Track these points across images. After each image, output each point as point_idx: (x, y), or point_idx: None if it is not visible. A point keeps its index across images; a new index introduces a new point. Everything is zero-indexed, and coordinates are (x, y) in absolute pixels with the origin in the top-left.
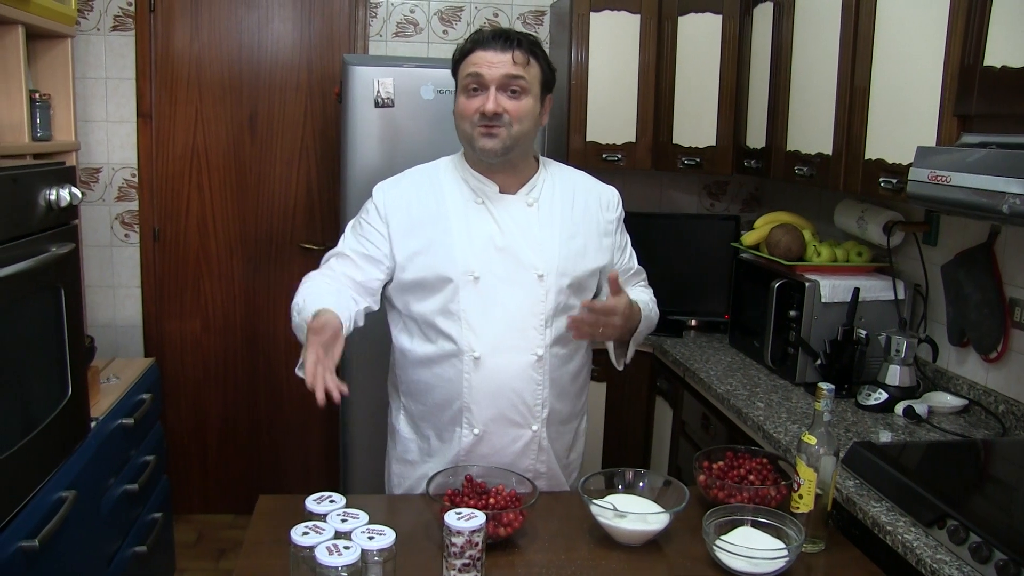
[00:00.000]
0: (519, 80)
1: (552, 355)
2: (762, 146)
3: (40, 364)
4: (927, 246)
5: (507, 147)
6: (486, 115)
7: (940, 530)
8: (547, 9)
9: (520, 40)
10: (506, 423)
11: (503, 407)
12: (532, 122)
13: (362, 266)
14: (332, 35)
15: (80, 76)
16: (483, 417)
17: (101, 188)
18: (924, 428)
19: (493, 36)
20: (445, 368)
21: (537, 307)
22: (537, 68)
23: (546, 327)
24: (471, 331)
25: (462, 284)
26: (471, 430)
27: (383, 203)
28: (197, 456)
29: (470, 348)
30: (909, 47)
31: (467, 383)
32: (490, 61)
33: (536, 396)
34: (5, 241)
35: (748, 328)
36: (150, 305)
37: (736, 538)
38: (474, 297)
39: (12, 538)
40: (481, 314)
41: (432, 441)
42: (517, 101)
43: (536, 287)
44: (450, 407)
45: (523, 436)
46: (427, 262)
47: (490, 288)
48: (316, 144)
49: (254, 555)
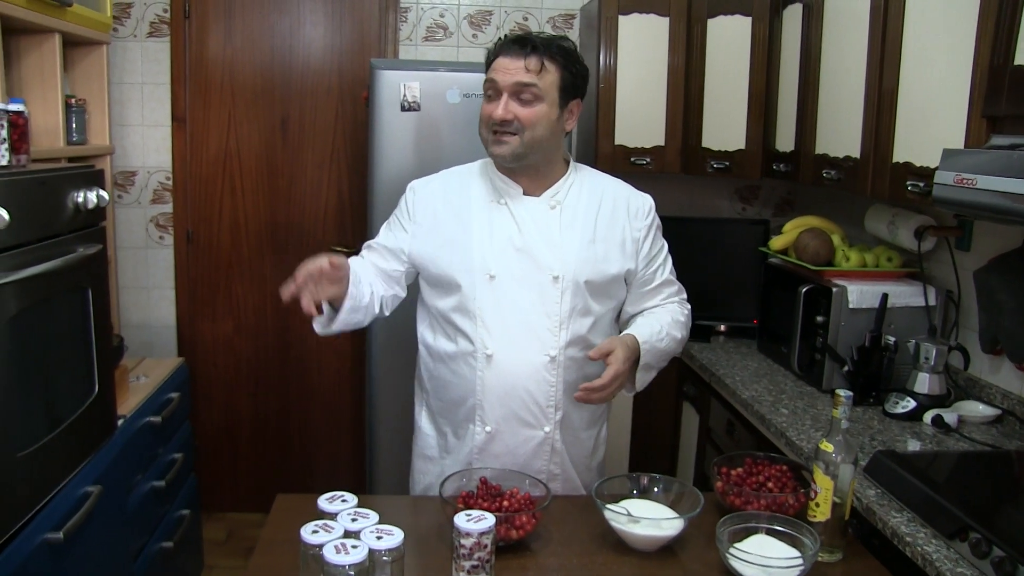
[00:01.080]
0: (531, 87)
1: (567, 357)
2: (791, 149)
3: (67, 362)
4: (960, 251)
5: (518, 154)
6: (497, 121)
7: (962, 543)
8: (577, 12)
9: (536, 46)
10: (518, 422)
11: (515, 406)
12: (547, 128)
13: (386, 257)
14: (363, 40)
15: (117, 81)
16: (495, 415)
17: (136, 191)
18: (953, 438)
19: (512, 41)
20: (460, 365)
21: (552, 308)
22: (555, 74)
23: (560, 329)
24: (485, 329)
25: (478, 282)
26: (483, 427)
27: (413, 200)
28: (228, 455)
29: (483, 346)
30: (938, 48)
31: (480, 380)
32: (505, 67)
33: (549, 398)
34: (34, 242)
35: (776, 334)
36: (183, 306)
37: (751, 546)
38: (489, 296)
39: (38, 530)
40: (496, 313)
41: (449, 438)
42: (529, 108)
43: (551, 289)
44: (464, 404)
45: (535, 437)
46: (447, 259)
47: (505, 287)
48: (347, 148)
49: (269, 553)
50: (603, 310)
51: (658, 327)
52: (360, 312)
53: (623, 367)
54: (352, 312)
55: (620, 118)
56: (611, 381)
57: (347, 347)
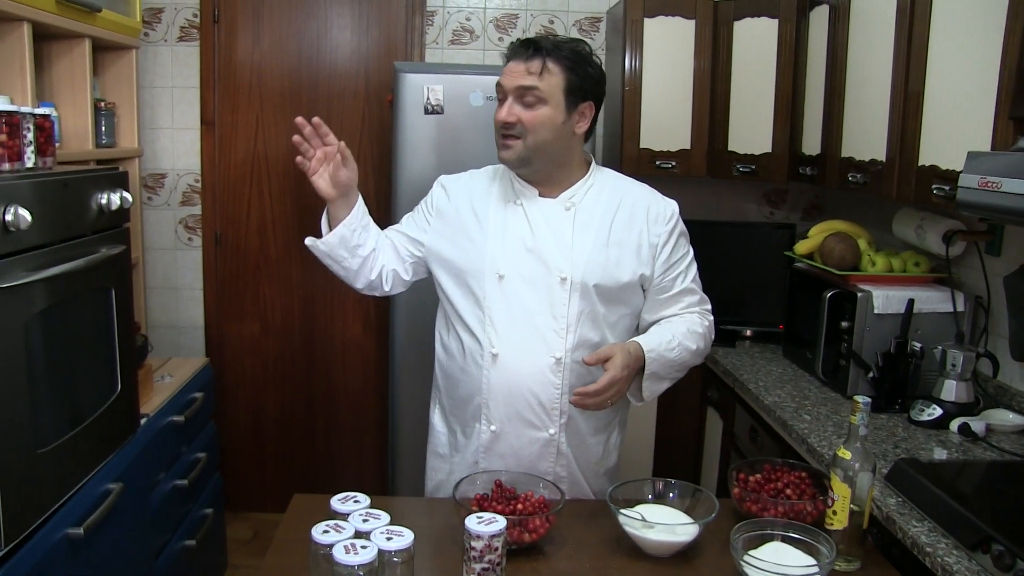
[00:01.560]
0: (533, 90)
1: (573, 361)
2: (817, 153)
3: (90, 361)
4: (990, 256)
5: (522, 158)
6: (501, 124)
7: (984, 554)
8: (603, 15)
9: (540, 48)
10: (522, 423)
11: (519, 406)
12: (551, 132)
13: (404, 240)
14: (389, 43)
15: (148, 85)
16: (500, 415)
17: (166, 193)
18: (981, 447)
19: (519, 44)
20: (468, 363)
21: (559, 310)
22: (559, 76)
23: (567, 331)
24: (493, 328)
25: (488, 281)
26: (488, 426)
27: (438, 195)
28: (254, 455)
29: (490, 344)
30: (964, 49)
31: (486, 379)
32: (510, 71)
33: (553, 400)
34: (57, 242)
35: (801, 339)
36: (211, 307)
37: (767, 553)
38: (498, 295)
39: (59, 525)
40: (504, 312)
41: (458, 436)
42: (532, 111)
43: (559, 290)
44: (471, 402)
45: (540, 439)
46: (461, 257)
47: (514, 287)
48: (373, 150)
49: (282, 552)
50: (616, 316)
51: (669, 336)
52: (352, 255)
53: (620, 374)
54: (342, 244)
55: (646, 121)
56: (605, 387)
57: (372, 348)
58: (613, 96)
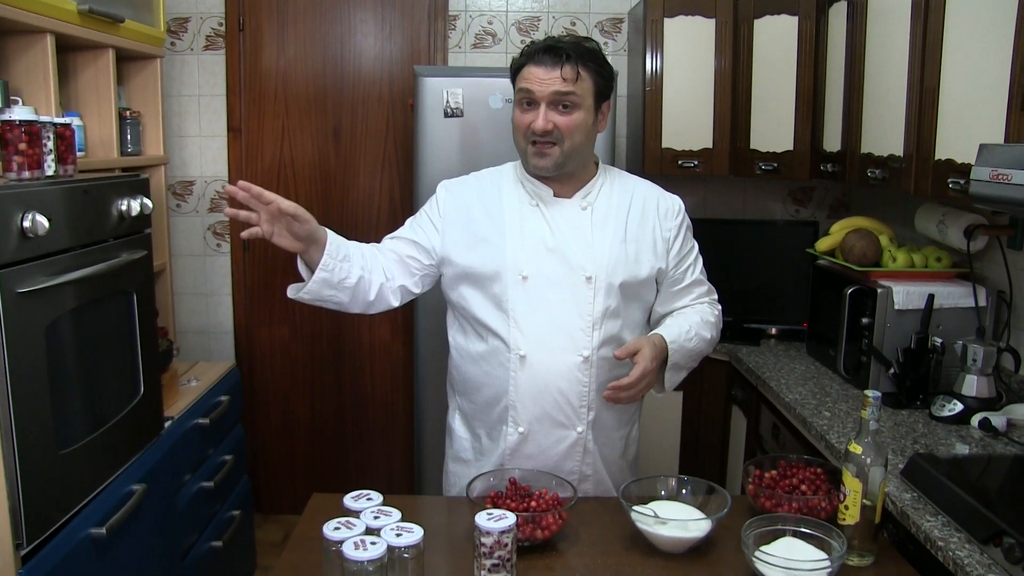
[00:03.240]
0: (569, 96)
1: (600, 358)
2: (838, 149)
3: (112, 363)
4: (1012, 250)
5: (559, 164)
6: (537, 132)
7: (996, 548)
8: (625, 16)
9: (569, 54)
10: (551, 423)
11: (547, 406)
12: (584, 134)
13: (409, 247)
14: (412, 48)
15: (176, 94)
16: (528, 416)
17: (195, 200)
18: (1002, 442)
19: (544, 50)
20: (493, 366)
21: (584, 309)
22: (589, 80)
23: (593, 329)
24: (518, 329)
25: (511, 283)
26: (516, 428)
27: (444, 200)
28: (285, 458)
29: (516, 346)
30: (978, 43)
31: (513, 381)
32: (540, 78)
33: (582, 398)
34: (78, 247)
35: (824, 336)
36: (240, 312)
37: (779, 549)
38: (522, 296)
39: (82, 525)
40: (529, 313)
41: (483, 440)
42: (568, 116)
43: (584, 289)
44: (498, 404)
45: (568, 437)
46: (479, 259)
47: (538, 288)
48: (398, 154)
49: (298, 549)
50: (633, 311)
51: (687, 327)
52: (339, 290)
53: (651, 365)
54: (325, 285)
55: (667, 121)
56: (638, 380)
57: (400, 351)
58: (635, 96)
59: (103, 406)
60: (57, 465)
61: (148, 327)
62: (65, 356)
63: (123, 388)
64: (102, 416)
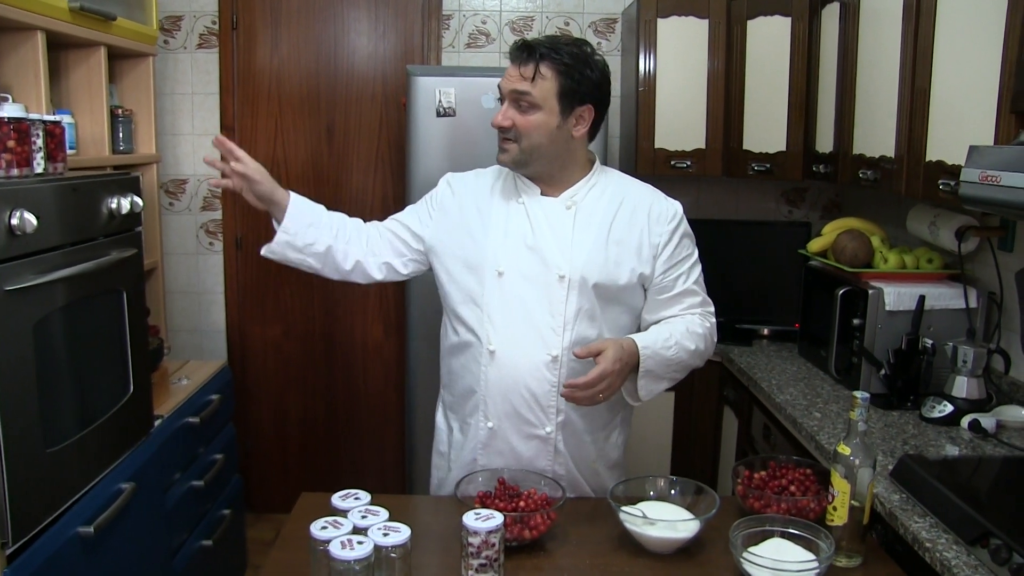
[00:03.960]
0: (525, 96)
1: (571, 359)
2: (831, 150)
3: (101, 362)
4: (1003, 252)
5: (517, 160)
6: (495, 127)
7: (983, 549)
8: (618, 17)
9: (534, 52)
10: (519, 420)
11: (516, 403)
12: (546, 136)
13: (402, 229)
14: (406, 47)
15: (169, 92)
16: (497, 411)
17: (187, 199)
18: (991, 443)
19: (518, 47)
20: (467, 359)
21: (557, 308)
22: (552, 81)
23: (564, 329)
24: (491, 324)
25: (487, 277)
26: (486, 423)
27: (443, 192)
28: (278, 457)
29: (487, 341)
30: (968, 44)
31: (483, 375)
32: (509, 74)
33: (550, 397)
34: (67, 245)
35: (816, 337)
36: (233, 311)
37: (766, 550)
38: (497, 292)
39: (70, 524)
40: (502, 309)
41: (455, 433)
42: (525, 116)
43: (557, 288)
44: (471, 397)
45: (536, 436)
46: (461, 254)
47: (513, 285)
48: (391, 153)
49: (286, 548)
50: (614, 315)
51: (667, 334)
52: (307, 255)
53: (611, 367)
54: (288, 248)
55: (660, 121)
56: (596, 380)
57: (392, 350)
58: (628, 96)
59: (92, 404)
60: (44, 463)
61: (138, 325)
62: (53, 354)
63: (112, 386)
64: (91, 414)
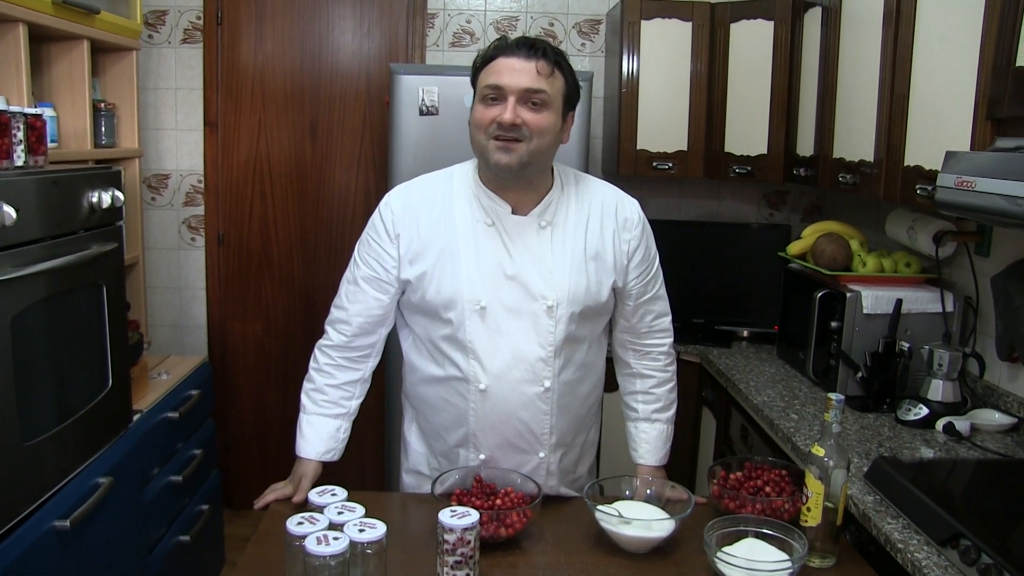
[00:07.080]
0: (541, 93)
1: (560, 383)
2: (811, 154)
3: (80, 356)
4: (979, 257)
5: (523, 163)
6: (503, 125)
7: (953, 550)
8: (603, 18)
9: (546, 50)
10: (512, 449)
11: (509, 435)
12: (552, 138)
13: (372, 297)
14: (390, 45)
15: (152, 87)
16: (489, 444)
17: (170, 194)
18: (965, 446)
19: (518, 44)
20: (451, 394)
21: (546, 339)
22: (561, 81)
23: (555, 358)
24: (477, 362)
25: (468, 313)
26: (477, 454)
27: (391, 220)
28: (258, 453)
29: (476, 379)
30: (947, 51)
31: (473, 412)
32: (513, 68)
33: (543, 425)
34: (46, 239)
35: (795, 339)
36: (214, 306)
37: (740, 550)
38: (480, 327)
39: (46, 518)
40: (488, 345)
41: (441, 460)
42: (537, 114)
43: (545, 318)
44: (457, 430)
45: (530, 461)
46: (433, 287)
47: (497, 318)
48: (374, 151)
49: (264, 543)
50: (593, 327)
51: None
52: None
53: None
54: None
55: (643, 123)
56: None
57: None
58: (611, 98)
59: (70, 398)
60: (21, 457)
61: (118, 320)
62: (32, 347)
63: (91, 380)
64: (69, 408)
